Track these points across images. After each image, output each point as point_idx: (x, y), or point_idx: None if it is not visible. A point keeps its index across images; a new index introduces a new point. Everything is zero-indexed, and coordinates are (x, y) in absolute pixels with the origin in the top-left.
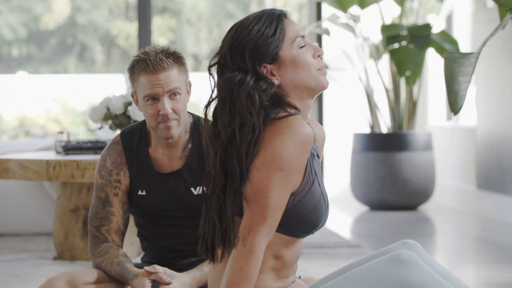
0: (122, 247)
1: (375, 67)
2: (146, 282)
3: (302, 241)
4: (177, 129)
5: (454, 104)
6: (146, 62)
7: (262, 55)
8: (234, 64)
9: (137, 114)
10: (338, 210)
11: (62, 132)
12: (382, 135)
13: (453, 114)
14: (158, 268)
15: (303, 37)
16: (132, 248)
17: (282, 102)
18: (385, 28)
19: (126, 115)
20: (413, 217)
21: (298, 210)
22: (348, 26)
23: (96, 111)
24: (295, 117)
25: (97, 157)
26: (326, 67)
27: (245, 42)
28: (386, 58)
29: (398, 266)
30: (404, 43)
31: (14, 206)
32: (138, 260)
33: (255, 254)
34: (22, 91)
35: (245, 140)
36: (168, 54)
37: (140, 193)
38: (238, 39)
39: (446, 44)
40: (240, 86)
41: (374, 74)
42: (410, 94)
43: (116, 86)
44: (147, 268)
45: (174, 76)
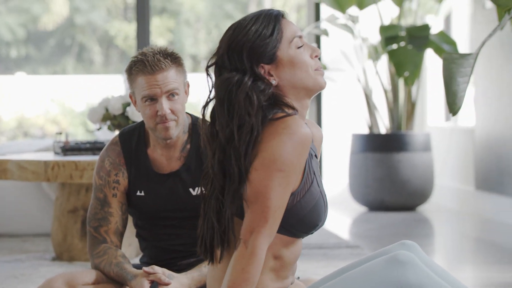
0: (120, 248)
1: (374, 68)
2: (145, 282)
3: (302, 241)
4: (175, 129)
5: (453, 104)
6: (144, 63)
7: (260, 56)
8: (232, 64)
9: (135, 114)
10: (337, 210)
11: (61, 132)
12: (380, 136)
13: (451, 114)
14: (156, 268)
15: (301, 37)
16: (130, 249)
17: (279, 102)
18: (383, 28)
19: (124, 116)
20: (411, 217)
21: (297, 210)
22: (346, 27)
23: (94, 112)
24: (293, 117)
25: (95, 157)
26: (324, 68)
27: (242, 43)
28: (384, 59)
29: (396, 267)
30: (402, 44)
31: (13, 207)
32: (137, 260)
33: (257, 256)
34: (21, 92)
35: (243, 140)
36: (166, 54)
37: (138, 193)
38: (235, 40)
39: (445, 44)
40: (238, 86)
41: (372, 74)
42: (408, 94)
43: (114, 86)
44: (146, 268)
45: (172, 76)
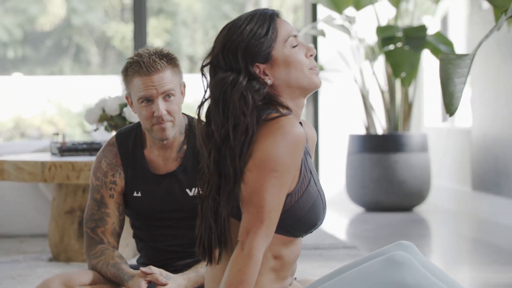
0: (117, 249)
1: (371, 69)
2: (142, 283)
3: (301, 240)
4: (171, 130)
5: (450, 105)
6: (140, 64)
7: (255, 55)
8: (227, 64)
9: (132, 115)
10: (334, 211)
11: (58, 133)
12: (377, 137)
13: (448, 115)
14: (154, 269)
15: (296, 36)
16: (127, 249)
17: (274, 102)
18: (380, 29)
19: (121, 117)
20: (408, 218)
21: (296, 210)
22: (343, 28)
23: (91, 113)
24: (287, 117)
25: (92, 158)
26: (321, 69)
27: (237, 42)
28: (381, 60)
29: (393, 267)
30: (399, 45)
31: (9, 208)
32: (134, 261)
33: (254, 257)
34: (18, 93)
35: (238, 140)
36: (161, 55)
37: (135, 194)
38: (230, 39)
39: (442, 45)
40: (233, 86)
41: (369, 75)
42: (405, 95)
43: (111, 87)
44: (143, 269)
45: (168, 77)
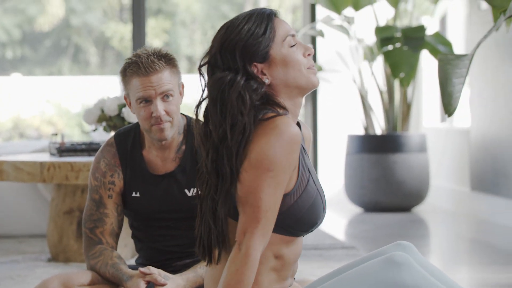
0: (116, 249)
1: (369, 69)
2: (141, 283)
3: (302, 240)
4: (170, 131)
5: (448, 105)
6: (138, 65)
7: (253, 54)
8: (225, 63)
9: (131, 116)
10: (333, 211)
11: (56, 134)
12: (376, 137)
13: (447, 115)
14: (152, 269)
15: (293, 36)
16: (126, 250)
17: (271, 101)
18: (379, 30)
19: (120, 117)
20: (407, 218)
21: (295, 210)
22: (342, 28)
23: (90, 113)
24: (282, 117)
25: (91, 159)
26: (320, 69)
27: (235, 42)
28: (380, 60)
29: (392, 268)
30: (398, 45)
31: (8, 208)
32: (133, 262)
33: (251, 257)
34: (16, 93)
35: (236, 140)
36: (160, 56)
37: (134, 195)
38: (228, 39)
39: (440, 45)
40: (230, 86)
41: (368, 76)
42: (404, 96)
43: (110, 88)
44: (142, 269)
45: (166, 78)
